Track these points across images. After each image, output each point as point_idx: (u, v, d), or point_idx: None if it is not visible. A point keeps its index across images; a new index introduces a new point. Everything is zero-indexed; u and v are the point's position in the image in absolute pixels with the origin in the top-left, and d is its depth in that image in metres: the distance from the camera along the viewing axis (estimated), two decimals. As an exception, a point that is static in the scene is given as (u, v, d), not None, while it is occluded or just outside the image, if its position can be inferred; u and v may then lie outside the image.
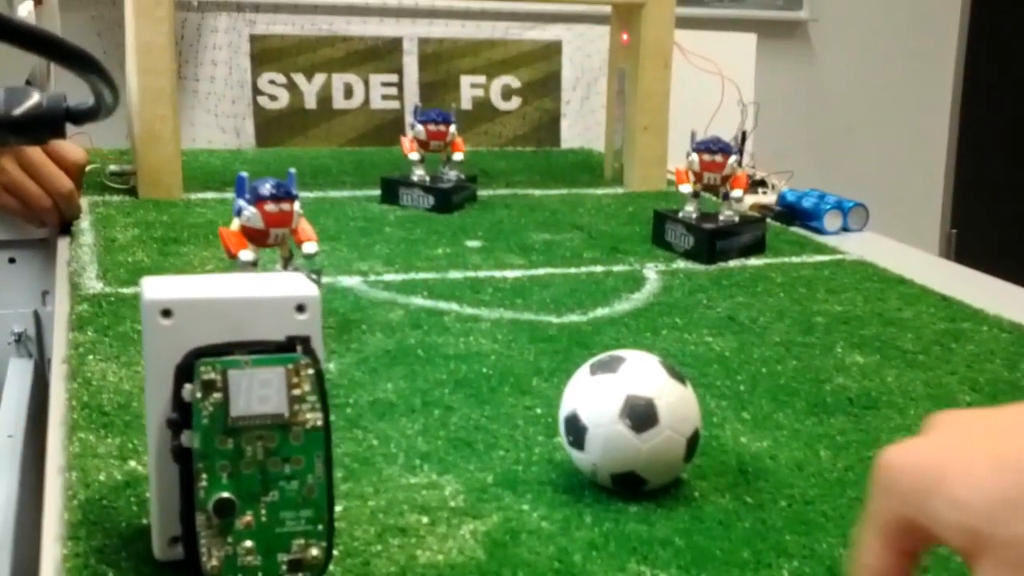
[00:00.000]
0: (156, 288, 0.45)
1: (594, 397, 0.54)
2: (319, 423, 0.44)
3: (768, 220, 1.14)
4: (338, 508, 0.52)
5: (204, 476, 0.43)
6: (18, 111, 0.54)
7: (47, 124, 0.55)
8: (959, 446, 0.35)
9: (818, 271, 1.01)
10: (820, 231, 1.18)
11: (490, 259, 0.99)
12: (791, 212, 1.21)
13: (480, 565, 0.48)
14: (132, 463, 0.56)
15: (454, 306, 0.85)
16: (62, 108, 0.55)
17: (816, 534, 0.53)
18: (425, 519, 0.52)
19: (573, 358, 0.75)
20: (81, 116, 0.56)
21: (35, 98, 0.55)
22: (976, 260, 1.17)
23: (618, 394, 0.54)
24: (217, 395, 0.43)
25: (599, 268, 0.99)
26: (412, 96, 2.42)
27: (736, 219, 1.05)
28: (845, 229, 1.19)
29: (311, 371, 0.44)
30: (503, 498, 0.54)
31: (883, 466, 0.37)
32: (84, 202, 1.11)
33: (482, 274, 0.94)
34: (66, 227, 1.05)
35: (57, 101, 0.55)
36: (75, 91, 0.63)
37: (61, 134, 0.56)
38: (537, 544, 0.50)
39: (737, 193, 1.03)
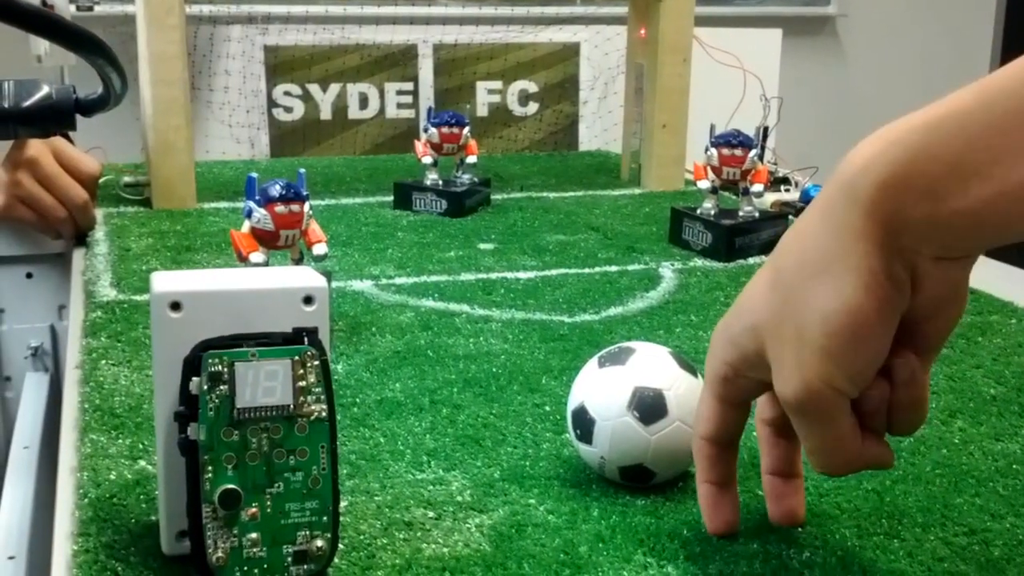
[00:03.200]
0: (165, 281, 0.45)
1: (602, 389, 0.54)
2: (324, 414, 0.44)
3: (790, 217, 1.12)
4: (343, 503, 0.52)
5: (210, 468, 0.43)
6: (28, 102, 0.54)
7: (57, 115, 0.55)
8: (748, 287, 0.46)
9: (837, 267, 1.00)
10: None
11: (503, 261, 0.99)
12: None
13: (485, 557, 0.48)
14: (142, 462, 0.56)
15: (465, 307, 0.85)
16: (72, 99, 0.56)
17: (829, 525, 0.52)
18: (431, 513, 0.52)
19: (583, 356, 0.74)
20: (91, 106, 0.56)
21: (45, 90, 0.55)
22: (1005, 257, 1.15)
23: (627, 386, 0.53)
24: (223, 387, 0.43)
25: (614, 268, 0.98)
26: (427, 104, 2.43)
27: (756, 215, 1.03)
28: None
29: (317, 362, 0.44)
30: (510, 493, 0.54)
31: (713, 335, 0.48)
32: (99, 214, 1.12)
33: (494, 276, 0.94)
34: (81, 238, 1.06)
35: (67, 92, 0.56)
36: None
37: (72, 125, 0.56)
38: (543, 537, 0.50)
39: (757, 188, 1.01)
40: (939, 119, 0.39)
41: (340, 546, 0.47)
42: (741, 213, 1.03)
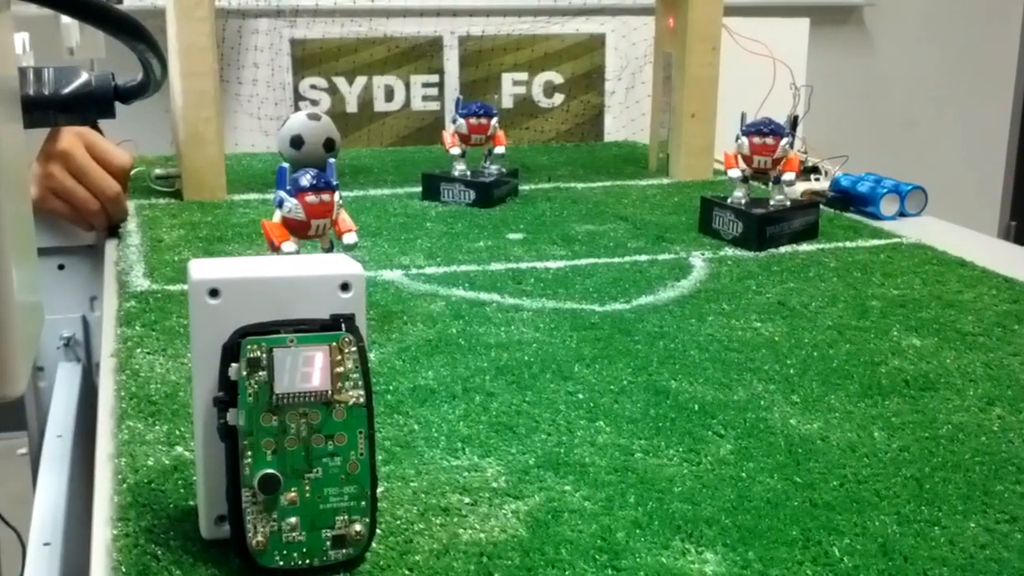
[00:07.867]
0: (203, 269, 0.46)
1: None
2: (361, 400, 0.44)
3: (821, 207, 1.11)
4: (380, 489, 0.52)
5: (249, 453, 0.43)
6: (67, 90, 0.54)
7: (96, 102, 0.55)
8: None
9: (873, 255, 0.99)
10: (876, 216, 1.15)
11: (532, 251, 0.99)
12: (846, 197, 1.18)
13: (522, 542, 0.48)
14: (179, 449, 0.57)
15: (495, 297, 0.85)
16: (111, 86, 0.56)
17: (869, 512, 0.52)
18: (467, 499, 0.52)
19: (615, 345, 0.75)
20: (130, 93, 0.56)
21: (84, 77, 0.55)
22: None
23: None
24: (262, 373, 0.43)
25: (644, 257, 0.98)
26: (453, 96, 2.43)
27: (787, 204, 1.02)
28: (902, 214, 1.16)
29: (354, 349, 0.44)
30: (545, 479, 0.54)
31: None
32: (131, 205, 1.12)
33: (524, 265, 0.94)
34: (113, 229, 1.07)
35: (106, 79, 0.56)
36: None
37: (111, 112, 0.57)
38: (580, 523, 0.50)
39: (789, 176, 1.00)
40: None
41: (378, 531, 0.47)
42: (772, 202, 1.02)
